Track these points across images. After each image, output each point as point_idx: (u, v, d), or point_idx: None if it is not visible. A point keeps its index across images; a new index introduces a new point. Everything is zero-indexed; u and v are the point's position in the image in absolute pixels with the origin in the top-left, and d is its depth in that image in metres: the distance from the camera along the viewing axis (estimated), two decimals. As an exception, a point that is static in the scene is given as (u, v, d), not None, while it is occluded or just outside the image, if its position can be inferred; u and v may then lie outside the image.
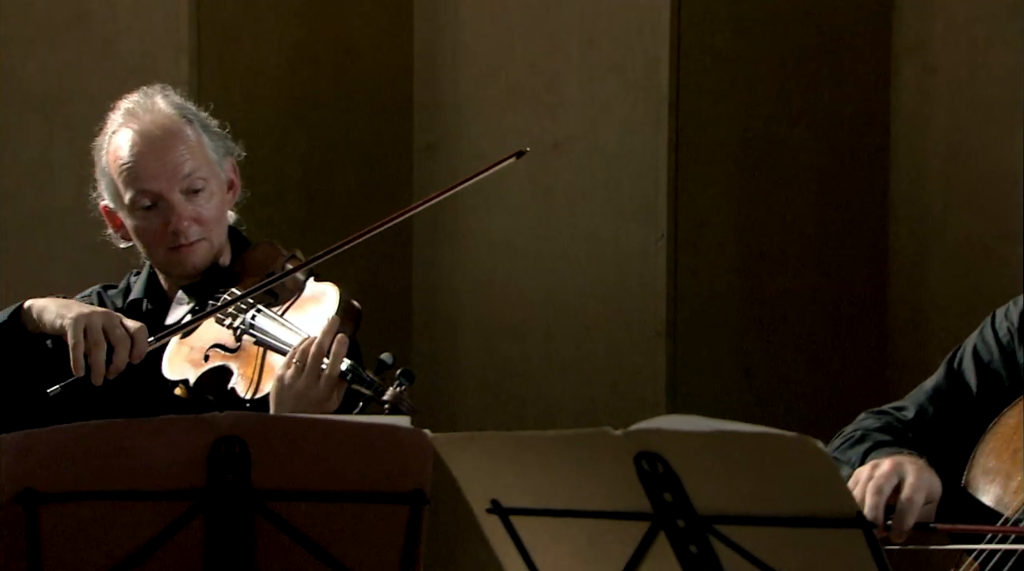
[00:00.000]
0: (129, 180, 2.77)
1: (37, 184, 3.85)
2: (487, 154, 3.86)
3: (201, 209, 2.78)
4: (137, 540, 2.13)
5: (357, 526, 2.17)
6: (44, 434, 2.17)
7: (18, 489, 2.09)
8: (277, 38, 3.86)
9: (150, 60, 3.73)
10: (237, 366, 2.68)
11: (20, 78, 3.84)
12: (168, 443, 2.15)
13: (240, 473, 2.14)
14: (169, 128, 2.79)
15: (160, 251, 2.79)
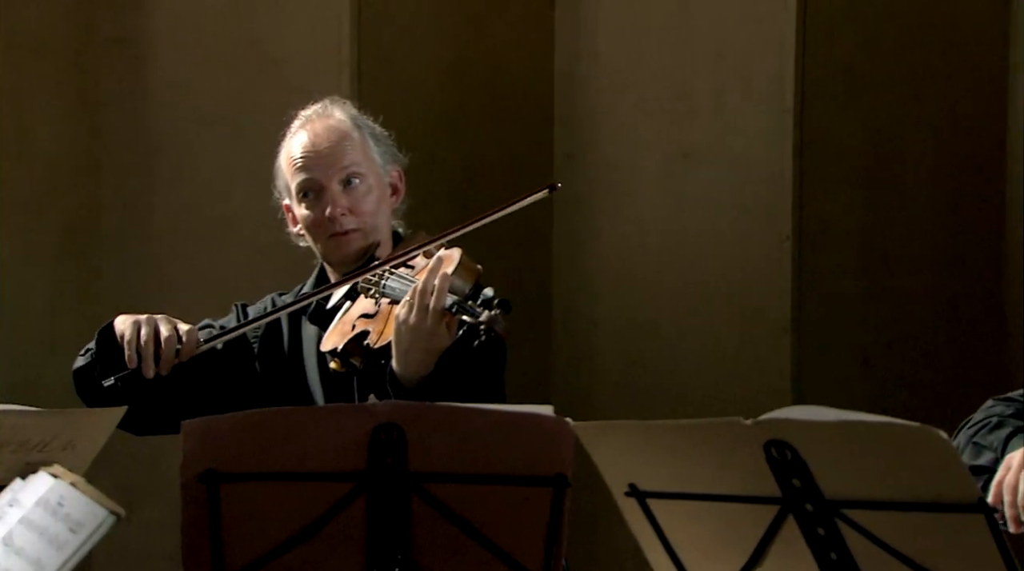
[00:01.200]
0: (296, 171, 2.85)
1: (215, 194, 3.91)
2: (621, 163, 3.85)
3: (357, 201, 2.83)
4: (305, 517, 2.16)
5: (505, 507, 2.17)
6: (224, 420, 2.21)
7: (201, 469, 2.13)
8: (431, 57, 3.89)
9: (315, 77, 3.77)
10: (373, 327, 2.72)
11: (198, 97, 3.91)
12: (333, 429, 2.17)
13: (398, 457, 2.16)
14: (336, 128, 2.87)
15: (321, 239, 2.85)
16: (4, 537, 1.96)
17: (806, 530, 1.89)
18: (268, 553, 2.15)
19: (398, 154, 2.93)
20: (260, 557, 2.15)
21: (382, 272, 2.77)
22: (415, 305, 2.60)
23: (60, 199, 3.94)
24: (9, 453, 2.15)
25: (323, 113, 2.89)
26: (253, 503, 2.16)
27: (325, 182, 2.83)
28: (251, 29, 3.85)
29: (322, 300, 2.89)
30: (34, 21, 3.87)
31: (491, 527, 2.16)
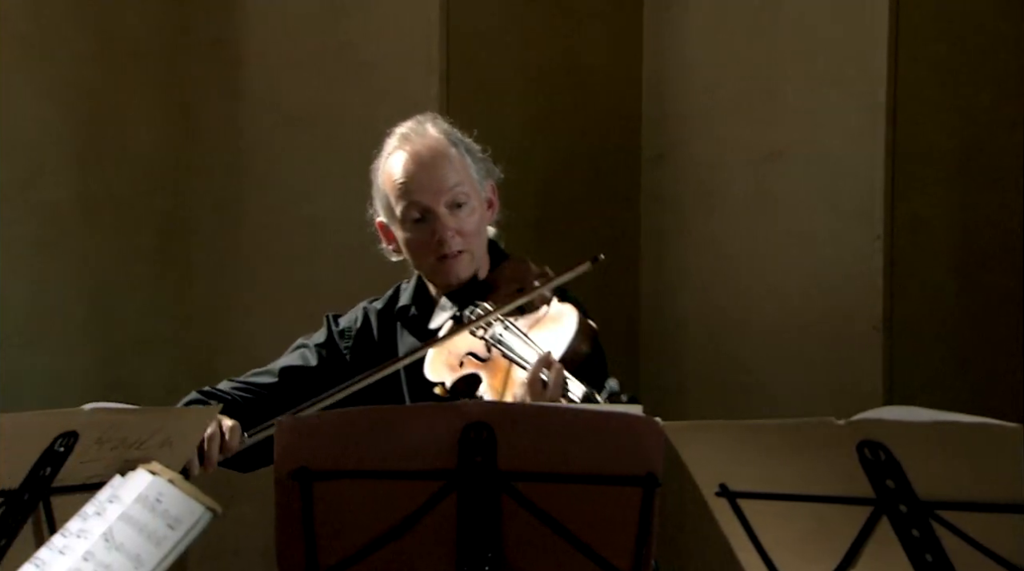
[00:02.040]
0: (401, 195, 2.84)
1: (304, 195, 3.95)
2: (710, 162, 3.83)
3: (463, 222, 2.84)
4: (396, 515, 2.17)
5: (594, 506, 2.17)
6: (317, 418, 2.23)
7: (294, 467, 2.15)
8: (519, 59, 3.89)
9: (403, 81, 3.80)
10: (486, 376, 2.71)
11: (289, 99, 3.95)
12: (424, 428, 2.18)
13: (487, 456, 2.16)
14: (437, 149, 2.86)
15: (428, 261, 2.85)
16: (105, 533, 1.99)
17: (900, 531, 1.87)
18: (360, 550, 2.16)
19: (492, 168, 2.93)
20: (352, 554, 2.17)
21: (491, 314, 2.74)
22: (530, 393, 2.57)
23: (155, 200, 4.00)
24: (109, 450, 2.19)
25: (418, 131, 2.88)
26: (345, 500, 2.17)
27: (432, 206, 2.82)
28: (341, 32, 3.88)
29: (423, 316, 2.88)
30: (131, 26, 3.94)
31: (580, 526, 2.16)
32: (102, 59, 3.89)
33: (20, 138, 3.77)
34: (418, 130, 2.88)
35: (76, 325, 3.91)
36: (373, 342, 2.92)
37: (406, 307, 2.93)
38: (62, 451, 2.15)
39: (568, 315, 2.71)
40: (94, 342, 3.93)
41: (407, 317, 2.91)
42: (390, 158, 2.88)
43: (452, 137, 2.89)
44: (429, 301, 2.92)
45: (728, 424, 1.99)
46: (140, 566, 1.97)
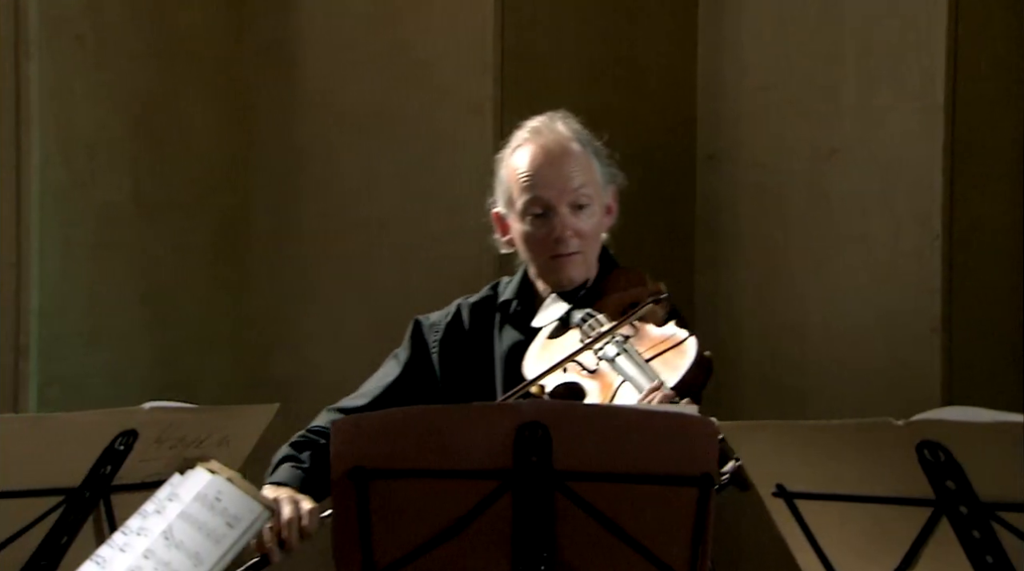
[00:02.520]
0: (525, 188, 2.82)
1: (361, 195, 3.96)
2: (765, 162, 3.80)
3: (582, 224, 2.82)
4: (452, 514, 2.17)
5: (649, 506, 2.16)
6: (372, 417, 2.24)
7: (349, 466, 2.16)
8: (574, 59, 3.89)
9: (459, 81, 3.80)
10: (592, 387, 2.68)
11: (345, 100, 3.97)
12: (479, 428, 2.19)
13: (543, 455, 2.16)
14: (566, 147, 2.84)
15: (542, 258, 2.83)
16: (164, 531, 2.00)
17: (960, 533, 1.86)
18: (416, 549, 2.17)
19: (617, 173, 2.91)
20: (408, 553, 2.17)
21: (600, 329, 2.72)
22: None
23: (213, 201, 4.03)
24: (168, 449, 2.20)
25: (548, 126, 2.86)
26: (401, 500, 2.18)
27: (555, 203, 2.80)
28: (397, 32, 3.89)
29: (526, 312, 2.85)
30: (188, 28, 3.96)
31: (636, 526, 2.16)
32: (160, 61, 3.92)
33: (79, 140, 3.81)
34: (549, 126, 2.86)
35: (134, 325, 3.94)
36: (463, 334, 2.90)
37: (508, 301, 2.90)
38: (122, 449, 2.17)
39: (689, 344, 2.68)
40: (152, 342, 3.96)
41: (508, 312, 2.89)
42: (518, 150, 2.85)
43: (581, 137, 2.87)
44: (532, 298, 2.89)
45: (786, 424, 1.99)
46: (199, 564, 1.98)
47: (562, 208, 2.80)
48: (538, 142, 2.84)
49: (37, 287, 3.75)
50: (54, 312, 3.78)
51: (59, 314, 3.80)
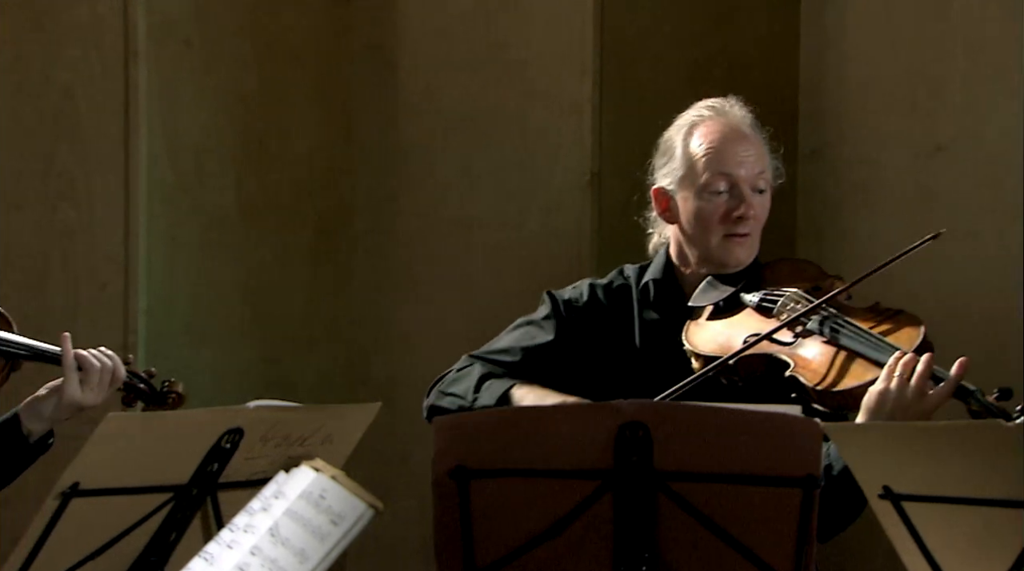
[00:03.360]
0: (711, 163, 2.80)
1: (459, 195, 3.98)
2: (868, 158, 3.75)
3: (760, 208, 2.82)
4: (553, 514, 2.17)
5: (752, 507, 2.14)
6: (473, 417, 2.25)
7: (451, 465, 2.17)
8: (673, 57, 3.86)
9: (557, 81, 3.80)
10: (798, 358, 2.67)
11: (444, 100, 3.98)
12: (579, 427, 2.19)
13: (643, 455, 2.15)
14: (746, 128, 2.85)
15: (716, 236, 2.81)
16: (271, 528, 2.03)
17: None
18: (517, 549, 2.17)
19: (781, 167, 2.91)
20: (509, 552, 2.18)
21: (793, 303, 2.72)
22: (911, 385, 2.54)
23: (315, 201, 4.07)
24: (272, 447, 2.23)
25: (728, 107, 2.86)
26: (501, 499, 2.18)
27: (741, 181, 2.80)
28: (496, 33, 3.89)
29: (677, 298, 2.83)
30: (292, 31, 4.01)
31: (739, 527, 2.14)
32: (263, 64, 3.97)
33: (185, 143, 3.87)
34: (727, 106, 2.87)
35: (237, 324, 3.99)
36: (602, 313, 2.89)
37: (654, 281, 2.88)
38: (228, 447, 2.20)
39: (913, 317, 2.69)
40: (254, 340, 4.01)
41: (651, 292, 2.87)
42: (698, 127, 2.84)
43: (754, 124, 2.87)
44: (675, 280, 2.87)
45: (892, 425, 1.96)
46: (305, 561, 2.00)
47: (746, 188, 2.80)
48: (722, 120, 2.84)
49: (144, 287, 3.81)
50: (160, 311, 3.85)
51: (165, 313, 3.86)
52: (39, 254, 3.80)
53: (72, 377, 2.58)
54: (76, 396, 2.58)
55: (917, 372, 2.55)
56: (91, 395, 2.60)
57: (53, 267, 3.80)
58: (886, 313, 2.74)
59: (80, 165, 3.79)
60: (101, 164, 3.78)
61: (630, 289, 2.89)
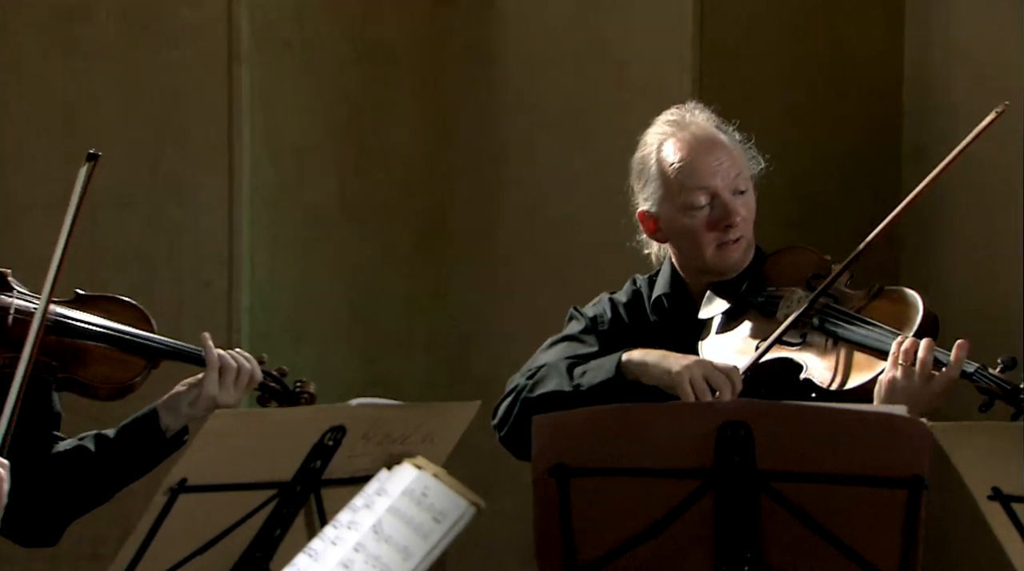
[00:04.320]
0: (685, 179, 2.82)
1: (557, 195, 3.98)
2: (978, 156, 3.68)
3: (746, 208, 2.82)
4: (653, 513, 2.17)
5: (857, 508, 2.12)
6: (573, 415, 2.25)
7: (551, 464, 2.17)
8: (774, 54, 3.83)
9: (657, 79, 3.78)
10: (808, 358, 2.66)
11: (543, 100, 3.98)
12: (680, 426, 2.18)
13: (745, 455, 2.14)
14: (713, 135, 2.85)
15: (708, 249, 2.82)
16: (374, 525, 2.04)
17: None
18: (618, 547, 2.17)
19: (757, 157, 2.90)
20: (609, 551, 2.17)
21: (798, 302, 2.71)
22: (916, 372, 2.53)
23: (414, 202, 4.09)
24: (374, 445, 2.24)
25: (687, 118, 2.86)
26: (602, 497, 2.18)
27: (720, 191, 2.80)
28: (596, 32, 3.89)
29: (688, 309, 2.85)
30: (390, 32, 4.03)
31: (844, 528, 2.12)
32: (363, 65, 4.00)
33: (287, 143, 3.91)
34: (686, 117, 2.87)
35: (338, 323, 4.03)
36: (625, 330, 2.90)
37: (664, 296, 2.90)
38: (331, 445, 2.22)
39: (909, 296, 2.66)
40: (355, 339, 4.04)
41: (664, 309, 2.89)
42: (666, 144, 2.85)
43: (719, 125, 2.88)
44: (684, 293, 2.89)
45: (1003, 426, 1.93)
46: (408, 558, 2.01)
47: (726, 194, 2.79)
48: (685, 134, 2.83)
49: (247, 285, 3.86)
50: (263, 310, 3.89)
51: (267, 312, 3.91)
52: (146, 253, 3.87)
53: (213, 376, 2.62)
54: (214, 394, 2.62)
55: (919, 360, 2.53)
56: (228, 394, 2.63)
57: (160, 266, 3.86)
58: (885, 294, 2.70)
59: (186, 166, 3.85)
60: (206, 165, 3.84)
61: (644, 303, 2.91)
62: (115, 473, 2.61)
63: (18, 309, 2.54)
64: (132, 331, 2.64)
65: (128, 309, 2.68)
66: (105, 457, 2.60)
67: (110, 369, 2.60)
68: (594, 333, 2.91)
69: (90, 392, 2.61)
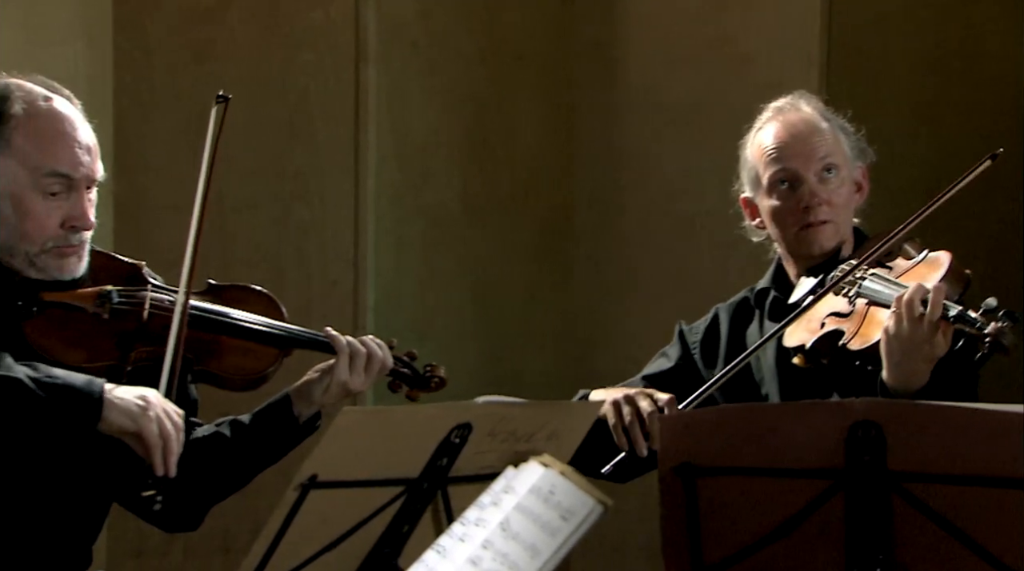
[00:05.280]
0: (771, 162, 2.85)
1: (682, 192, 3.96)
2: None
3: (832, 193, 2.82)
4: (781, 514, 2.14)
5: (992, 511, 2.08)
6: (701, 414, 2.24)
7: (677, 462, 2.16)
8: (903, 49, 3.78)
9: (782, 73, 3.75)
10: (848, 326, 2.67)
11: (668, 96, 3.97)
12: (809, 426, 2.15)
13: (876, 455, 2.11)
14: (809, 120, 2.87)
15: (791, 230, 2.83)
16: (502, 522, 2.04)
17: None
18: (746, 547, 2.15)
19: (867, 150, 2.91)
20: (738, 551, 2.15)
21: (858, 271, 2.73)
22: (905, 316, 2.54)
23: (537, 199, 4.10)
24: (500, 442, 2.25)
25: (793, 105, 2.90)
26: (729, 497, 2.16)
27: (802, 172, 2.83)
28: (721, 27, 3.87)
29: (783, 294, 2.87)
30: (515, 30, 4.05)
31: (980, 531, 2.07)
32: (488, 63, 4.02)
33: (412, 142, 3.94)
34: (792, 104, 2.90)
35: (462, 320, 4.05)
36: (718, 336, 2.93)
37: (765, 290, 2.92)
38: (457, 442, 2.23)
39: (939, 256, 2.64)
40: (479, 337, 4.06)
41: (764, 301, 2.90)
42: (761, 129, 2.90)
43: (824, 113, 2.89)
44: (787, 283, 2.88)
45: None
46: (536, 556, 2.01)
47: (809, 176, 2.81)
48: (781, 118, 2.87)
49: (372, 283, 3.90)
50: (388, 307, 3.93)
51: (392, 309, 3.94)
52: (274, 253, 3.93)
53: (344, 362, 2.65)
54: (345, 380, 2.65)
55: (904, 302, 2.52)
56: (359, 380, 2.67)
57: (288, 265, 3.92)
58: (926, 258, 2.69)
59: (313, 166, 3.90)
60: (332, 164, 3.89)
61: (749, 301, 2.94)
62: (251, 458, 2.65)
63: (155, 303, 2.57)
64: (266, 321, 2.67)
65: (260, 298, 2.71)
66: (241, 443, 2.64)
67: (245, 360, 2.63)
68: (679, 345, 2.97)
69: (225, 383, 2.65)
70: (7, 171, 2.47)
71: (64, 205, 2.49)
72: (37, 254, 2.49)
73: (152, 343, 2.52)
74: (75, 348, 2.49)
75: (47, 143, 2.48)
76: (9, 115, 2.48)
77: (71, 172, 2.50)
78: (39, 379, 2.34)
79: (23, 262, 2.49)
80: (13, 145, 2.47)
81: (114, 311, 2.52)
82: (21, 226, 2.47)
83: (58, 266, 2.50)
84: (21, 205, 2.47)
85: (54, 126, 2.50)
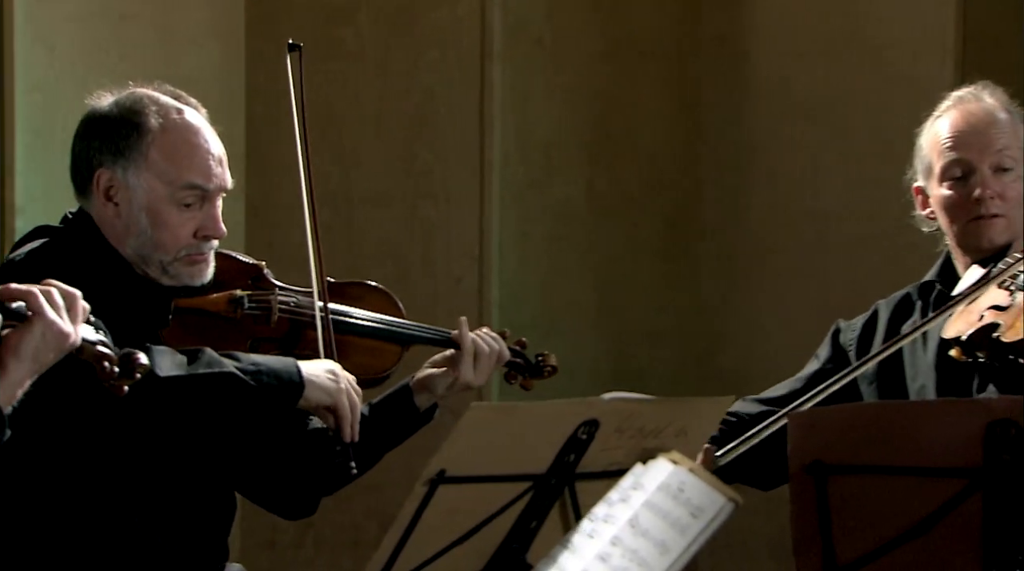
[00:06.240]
0: (944, 151, 2.79)
1: (811, 186, 3.91)
2: None
3: (1006, 187, 2.76)
4: (916, 513, 2.10)
5: None
6: (831, 411, 2.20)
7: (808, 460, 2.12)
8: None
9: (916, 67, 3.69)
10: (1005, 319, 2.60)
11: (797, 91, 3.92)
12: (945, 424, 2.11)
13: (1016, 454, 2.05)
14: (989, 111, 2.82)
15: (961, 222, 2.78)
16: (630, 519, 2.03)
17: None
18: (881, 547, 2.11)
19: None
20: (873, 550, 2.12)
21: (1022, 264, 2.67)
22: None
23: (663, 194, 4.08)
24: (627, 439, 2.23)
25: (973, 95, 2.84)
26: (861, 496, 2.13)
27: (976, 163, 2.77)
28: (852, 19, 3.81)
29: (948, 287, 2.81)
30: (640, 26, 4.03)
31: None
32: (613, 60, 4.01)
33: (537, 139, 3.95)
34: (975, 94, 2.84)
35: (586, 316, 4.04)
36: (875, 331, 2.86)
37: (930, 283, 2.86)
38: (584, 438, 2.22)
39: None
40: (603, 333, 4.05)
41: (929, 294, 2.84)
42: (939, 118, 2.84)
43: (1007, 106, 2.83)
44: (955, 277, 2.82)
45: None
46: (666, 553, 2.00)
47: (984, 168, 2.75)
48: (961, 107, 2.81)
49: (497, 280, 3.92)
50: (512, 304, 3.94)
51: (517, 306, 3.95)
52: (401, 250, 3.96)
53: (468, 360, 2.69)
54: (470, 379, 2.70)
55: None
56: (480, 376, 2.71)
57: (414, 262, 3.95)
58: None
59: (439, 163, 3.93)
60: (458, 162, 3.91)
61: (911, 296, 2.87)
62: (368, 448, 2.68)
63: (282, 306, 2.62)
64: (389, 320, 2.71)
65: (378, 295, 2.74)
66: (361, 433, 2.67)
67: (371, 359, 2.67)
68: (830, 345, 2.90)
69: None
70: (144, 185, 2.52)
71: (197, 215, 2.54)
72: (171, 262, 2.53)
73: (281, 347, 2.56)
74: None
75: (182, 157, 2.53)
76: (146, 129, 2.53)
77: (205, 184, 2.54)
78: (247, 369, 2.42)
79: (157, 270, 2.54)
80: (150, 159, 2.52)
81: (245, 316, 2.58)
82: (156, 236, 2.52)
83: (189, 273, 2.55)
84: (158, 217, 2.52)
85: (188, 139, 2.54)
